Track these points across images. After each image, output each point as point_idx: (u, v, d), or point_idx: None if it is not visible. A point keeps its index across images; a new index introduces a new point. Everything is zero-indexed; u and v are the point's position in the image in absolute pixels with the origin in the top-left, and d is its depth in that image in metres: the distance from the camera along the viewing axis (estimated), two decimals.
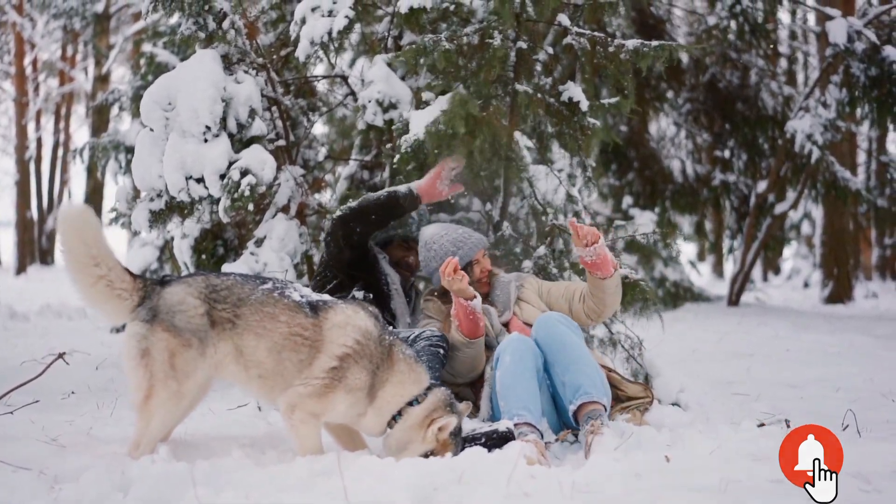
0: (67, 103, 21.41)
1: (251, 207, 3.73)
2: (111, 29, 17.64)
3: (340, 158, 5.54)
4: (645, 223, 9.00)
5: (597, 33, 3.99)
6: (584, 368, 2.94)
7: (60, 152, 21.62)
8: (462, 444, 2.64)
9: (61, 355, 3.16)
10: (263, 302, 2.65)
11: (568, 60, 5.94)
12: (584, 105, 3.96)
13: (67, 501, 2.14)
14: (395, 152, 3.76)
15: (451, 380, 3.27)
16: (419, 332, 3.21)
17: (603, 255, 3.14)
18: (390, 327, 2.92)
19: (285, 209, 4.19)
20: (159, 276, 2.83)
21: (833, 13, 8.15)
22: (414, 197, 3.59)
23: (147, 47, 7.92)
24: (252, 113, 3.84)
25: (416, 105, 4.01)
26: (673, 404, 3.52)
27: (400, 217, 3.66)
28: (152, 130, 3.80)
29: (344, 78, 5.03)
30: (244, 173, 3.66)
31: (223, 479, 2.30)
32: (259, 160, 3.72)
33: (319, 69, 4.94)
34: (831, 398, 3.94)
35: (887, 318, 8.64)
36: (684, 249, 17.29)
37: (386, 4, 4.59)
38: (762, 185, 9.79)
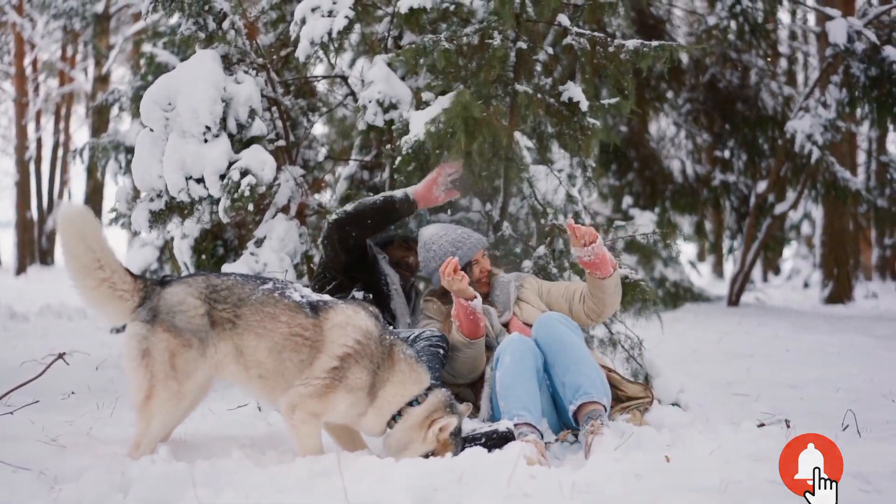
0: (67, 104, 21.41)
1: (251, 208, 3.73)
2: (111, 29, 17.64)
3: (340, 159, 5.53)
4: (645, 223, 8.98)
5: (597, 33, 3.99)
6: (584, 369, 2.94)
7: (60, 153, 21.62)
8: (462, 445, 2.64)
9: (61, 356, 3.16)
10: (264, 302, 2.65)
11: (568, 60, 5.93)
12: (584, 105, 3.96)
13: (67, 502, 2.14)
14: (397, 154, 3.76)
15: (452, 380, 3.27)
16: (419, 333, 3.21)
17: (601, 255, 3.14)
18: (390, 327, 2.92)
19: (285, 209, 4.19)
20: (159, 277, 2.82)
21: (833, 13, 8.15)
22: (410, 202, 3.58)
23: (147, 47, 7.92)
24: (252, 113, 3.84)
25: (417, 105, 4.01)
26: (673, 404, 3.52)
27: (396, 222, 3.66)
28: (152, 131, 3.80)
29: (344, 78, 5.03)
30: (244, 173, 3.66)
31: (223, 480, 2.30)
32: (259, 160, 3.72)
33: (319, 69, 4.94)
34: (831, 398, 3.94)
35: (887, 319, 8.64)
36: (684, 250, 17.27)
37: (386, 4, 4.59)
38: (762, 186, 9.80)
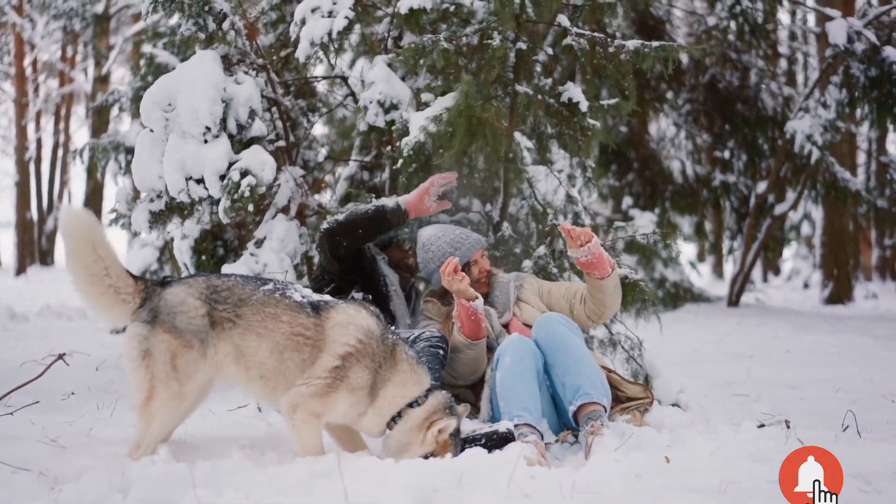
0: (67, 104, 21.41)
1: (251, 208, 3.73)
2: (111, 30, 17.65)
3: (340, 159, 5.54)
4: (645, 224, 9.00)
5: (596, 34, 3.99)
6: (584, 369, 2.94)
7: (60, 153, 21.61)
8: (462, 445, 2.64)
9: (61, 356, 3.15)
10: (265, 302, 2.65)
11: (568, 61, 5.94)
12: (584, 106, 3.96)
13: (67, 502, 2.14)
14: (398, 155, 3.76)
15: (452, 382, 3.27)
16: (419, 333, 3.20)
17: (598, 255, 3.13)
18: (391, 327, 2.92)
19: (285, 210, 4.19)
20: (160, 278, 2.82)
21: (833, 14, 8.15)
22: (402, 212, 3.57)
23: (147, 48, 7.92)
24: (252, 114, 3.84)
25: (416, 106, 4.01)
26: (673, 405, 3.52)
27: (387, 231, 3.63)
28: (152, 131, 3.80)
29: (344, 79, 5.03)
30: (244, 174, 3.66)
31: (223, 481, 2.30)
32: (259, 161, 3.72)
33: (319, 70, 4.93)
34: (831, 399, 3.94)
35: (887, 319, 8.64)
36: (684, 250, 17.26)
37: (386, 5, 4.59)
38: (762, 186, 9.80)
